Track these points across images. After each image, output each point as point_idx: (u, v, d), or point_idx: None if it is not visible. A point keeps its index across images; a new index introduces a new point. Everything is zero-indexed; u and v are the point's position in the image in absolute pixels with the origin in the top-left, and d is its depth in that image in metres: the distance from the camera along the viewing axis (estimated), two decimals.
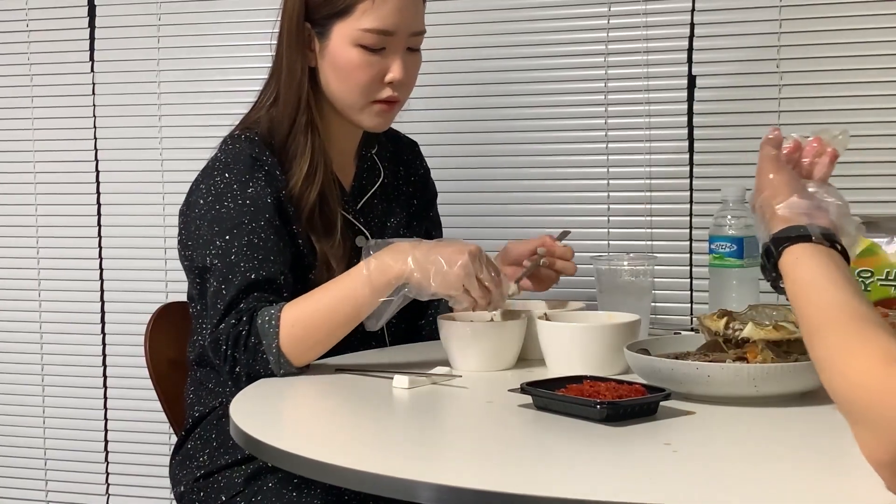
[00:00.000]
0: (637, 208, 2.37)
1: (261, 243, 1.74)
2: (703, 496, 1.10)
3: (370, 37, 1.80)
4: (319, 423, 1.54)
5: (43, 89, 2.83)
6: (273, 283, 1.72)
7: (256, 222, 1.75)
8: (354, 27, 1.79)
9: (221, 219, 1.76)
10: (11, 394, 2.90)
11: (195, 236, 1.80)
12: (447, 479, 1.14)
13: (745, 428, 1.36)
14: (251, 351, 1.66)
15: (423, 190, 2.07)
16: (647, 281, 1.88)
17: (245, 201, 1.77)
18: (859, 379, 1.03)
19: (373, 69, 1.82)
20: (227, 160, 1.81)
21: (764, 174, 1.36)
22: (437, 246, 1.67)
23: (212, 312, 1.72)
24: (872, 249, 1.82)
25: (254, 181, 1.78)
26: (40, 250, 2.86)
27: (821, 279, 1.18)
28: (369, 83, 1.82)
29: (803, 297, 1.18)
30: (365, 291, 1.66)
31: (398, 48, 1.83)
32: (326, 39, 1.82)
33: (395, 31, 1.81)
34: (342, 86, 1.83)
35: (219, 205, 1.78)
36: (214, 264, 1.74)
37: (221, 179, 1.79)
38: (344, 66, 1.82)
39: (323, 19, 1.82)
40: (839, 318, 1.11)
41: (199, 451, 1.82)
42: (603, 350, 1.62)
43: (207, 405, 1.84)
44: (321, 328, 1.67)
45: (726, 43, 2.30)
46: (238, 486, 1.74)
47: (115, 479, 2.84)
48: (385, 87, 1.83)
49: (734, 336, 1.52)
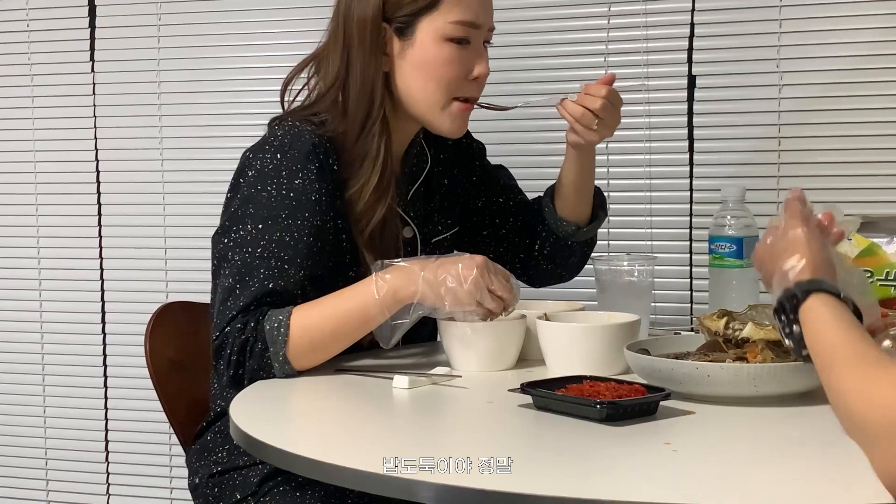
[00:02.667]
0: (637, 208, 2.37)
1: (291, 242, 1.68)
2: (703, 496, 1.10)
3: (461, 29, 1.76)
4: (319, 423, 1.54)
5: (43, 89, 2.84)
6: (289, 294, 1.68)
7: (293, 219, 1.69)
8: (444, 21, 1.75)
9: (259, 203, 1.70)
10: (12, 393, 2.91)
11: (229, 211, 1.73)
12: (447, 479, 1.15)
13: (745, 428, 1.36)
14: (257, 357, 1.65)
15: (457, 164, 1.98)
16: (647, 281, 1.88)
17: (289, 193, 1.70)
18: (883, 399, 1.04)
19: (462, 64, 1.77)
20: (284, 140, 1.73)
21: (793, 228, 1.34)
22: (444, 264, 1.65)
23: (220, 309, 1.68)
24: (872, 249, 1.82)
25: (304, 172, 1.71)
26: (41, 250, 2.86)
27: (843, 320, 1.19)
28: (457, 79, 1.78)
29: (822, 333, 1.19)
30: (374, 312, 1.65)
31: (480, 42, 1.80)
32: (410, 38, 1.76)
33: (482, 23, 1.78)
34: (428, 84, 1.77)
35: (260, 185, 1.71)
36: (234, 258, 1.69)
37: (272, 159, 1.72)
38: (433, 64, 1.76)
39: (406, 17, 1.76)
40: (860, 351, 1.13)
41: (219, 445, 1.79)
42: (603, 350, 1.62)
43: (229, 399, 1.83)
44: (327, 339, 1.67)
45: (726, 43, 2.30)
46: (252, 487, 1.73)
47: (115, 478, 2.84)
48: (469, 83, 1.80)
49: (734, 336, 1.52)
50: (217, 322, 1.69)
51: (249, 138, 2.65)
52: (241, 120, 2.66)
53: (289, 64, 2.65)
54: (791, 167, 2.27)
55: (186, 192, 2.73)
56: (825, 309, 1.22)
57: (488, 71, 1.81)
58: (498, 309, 1.67)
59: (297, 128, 1.74)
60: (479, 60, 1.80)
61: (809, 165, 2.26)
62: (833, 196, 2.23)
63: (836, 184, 2.24)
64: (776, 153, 2.28)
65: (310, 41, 2.64)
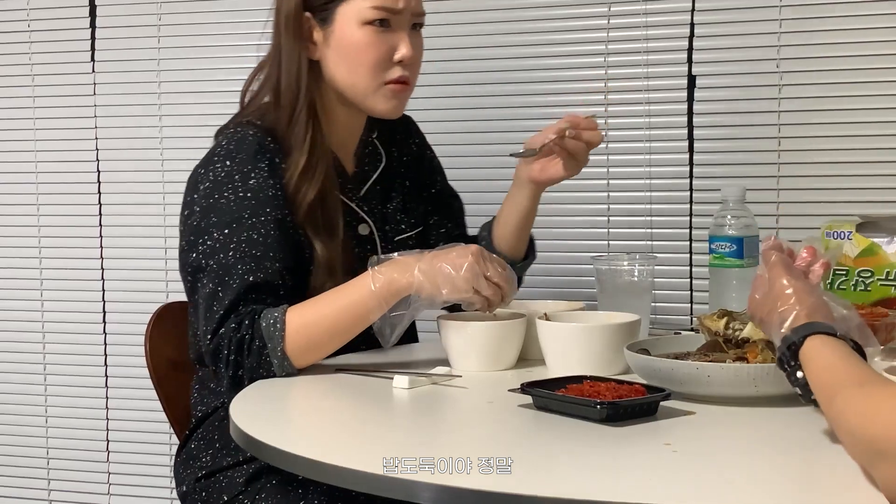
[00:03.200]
0: (637, 208, 2.37)
1: (260, 239, 1.71)
2: (703, 496, 1.10)
3: (377, 13, 1.79)
4: (319, 423, 1.54)
5: (44, 89, 2.84)
6: (271, 285, 1.70)
7: (257, 217, 1.72)
8: (361, 6, 1.78)
9: (220, 210, 1.73)
10: (14, 393, 2.91)
11: (191, 226, 1.76)
12: (447, 480, 1.15)
13: (745, 428, 1.36)
14: (255, 354, 1.65)
15: (418, 167, 2.04)
16: (647, 281, 1.88)
17: (246, 193, 1.73)
18: (887, 416, 1.04)
19: (382, 47, 1.80)
20: (229, 147, 1.77)
21: (778, 279, 1.36)
22: (439, 254, 1.67)
23: (207, 315, 1.69)
24: (872, 249, 1.82)
25: (256, 171, 1.75)
26: (42, 250, 2.87)
27: (844, 355, 1.20)
28: (379, 62, 1.80)
29: (824, 370, 1.20)
30: (371, 305, 1.66)
31: (404, 26, 1.82)
32: (330, 25, 1.81)
33: (401, 8, 1.80)
34: (352, 69, 1.81)
35: (217, 194, 1.74)
36: (209, 264, 1.71)
37: (223, 167, 1.76)
38: (352, 48, 1.80)
39: (324, 5, 1.80)
40: (861, 377, 1.14)
41: (202, 451, 1.81)
42: (603, 350, 1.62)
43: (210, 405, 1.84)
44: (325, 336, 1.67)
45: (726, 43, 2.30)
46: (239, 487, 1.74)
47: (116, 478, 2.84)
48: (395, 66, 1.82)
49: (734, 336, 1.52)
50: (206, 328, 1.69)
51: None
52: None
53: None
54: (791, 167, 2.27)
55: None
56: (824, 348, 1.22)
57: (412, 53, 1.82)
58: (495, 297, 1.67)
59: (239, 133, 1.79)
60: (402, 43, 1.82)
61: (809, 165, 2.26)
62: (833, 196, 2.23)
63: (836, 184, 2.24)
64: (776, 153, 2.28)
65: None
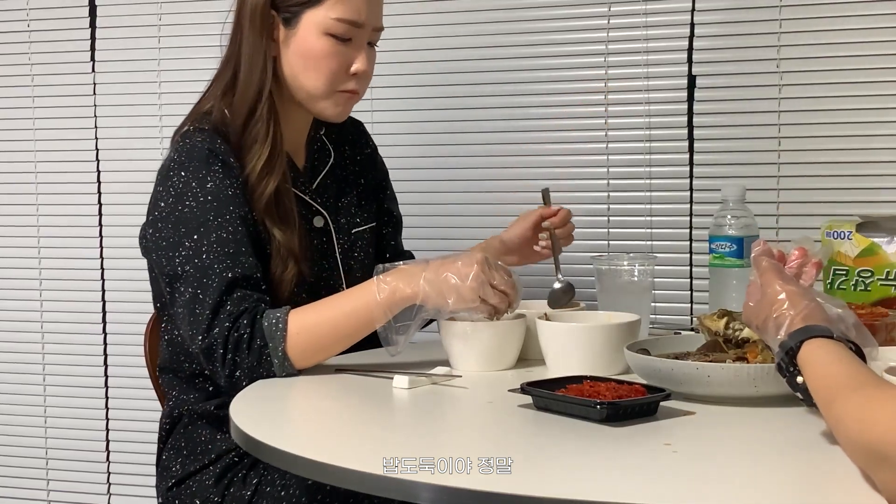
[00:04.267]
0: (637, 208, 2.37)
1: (230, 237, 1.72)
2: (703, 496, 1.10)
3: (341, 26, 1.81)
4: (319, 423, 1.54)
5: (44, 89, 2.84)
6: (251, 279, 1.71)
7: (222, 217, 1.74)
8: (326, 16, 1.81)
9: (186, 219, 1.74)
10: (13, 394, 2.91)
11: (159, 241, 1.77)
12: (447, 480, 1.15)
13: (745, 428, 1.36)
14: (256, 353, 1.65)
15: (372, 169, 2.07)
16: (647, 281, 1.88)
17: (207, 197, 1.75)
18: (887, 420, 1.03)
19: (340, 59, 1.83)
20: (181, 159, 1.79)
21: (770, 285, 1.36)
22: (444, 263, 1.67)
23: (192, 319, 1.69)
24: (872, 249, 1.82)
25: (211, 175, 1.76)
26: (42, 250, 2.86)
27: (844, 358, 1.20)
28: (336, 72, 1.83)
29: (822, 373, 1.20)
30: (376, 314, 1.66)
31: (363, 41, 1.85)
32: (294, 27, 1.83)
33: (364, 23, 1.83)
34: (308, 74, 1.84)
35: (180, 205, 1.75)
36: (186, 270, 1.71)
37: (179, 179, 1.77)
38: (312, 55, 1.82)
39: (292, 7, 1.82)
40: (860, 380, 1.13)
41: (172, 460, 1.84)
42: (603, 350, 1.62)
43: (172, 415, 1.86)
44: (326, 339, 1.68)
45: (726, 43, 2.30)
46: (209, 489, 1.76)
47: (116, 478, 2.84)
48: (349, 78, 1.85)
49: (734, 336, 1.52)
50: (194, 331, 1.69)
51: None
52: None
53: None
54: (791, 167, 2.27)
55: None
56: (820, 351, 1.23)
57: (366, 68, 1.86)
58: (502, 305, 1.67)
59: (188, 144, 1.80)
60: (359, 57, 1.85)
61: (809, 165, 2.26)
62: (833, 196, 2.23)
63: (836, 184, 2.24)
64: (776, 153, 2.28)
65: None
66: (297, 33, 1.83)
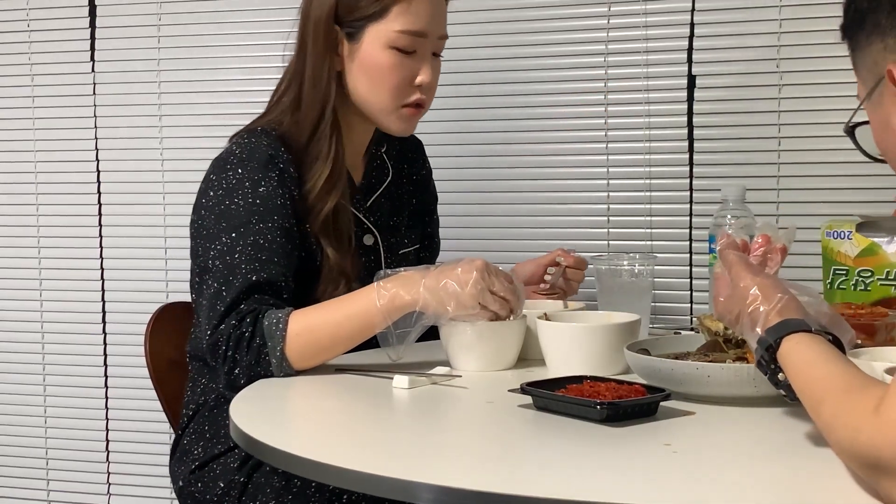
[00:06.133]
0: (637, 208, 2.37)
1: (266, 244, 1.73)
2: (703, 496, 1.10)
3: (404, 38, 1.81)
4: (319, 423, 1.54)
5: (44, 89, 2.84)
6: (274, 286, 1.72)
7: (264, 223, 1.74)
8: (389, 29, 1.81)
9: (230, 215, 1.75)
10: (13, 393, 2.91)
11: (200, 230, 1.79)
12: (447, 480, 1.15)
13: (745, 428, 1.36)
14: (254, 351, 1.66)
15: (424, 191, 2.08)
16: (647, 281, 1.88)
17: (255, 200, 1.76)
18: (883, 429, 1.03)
19: (404, 71, 1.83)
20: (242, 155, 1.80)
21: (740, 279, 1.34)
22: (444, 270, 1.67)
23: (210, 314, 1.71)
24: (872, 249, 1.82)
25: (266, 180, 1.77)
26: (41, 250, 2.86)
27: (824, 354, 1.19)
28: (400, 85, 1.83)
29: (805, 372, 1.19)
30: (376, 320, 1.66)
31: (427, 51, 1.85)
32: (358, 42, 1.83)
33: (428, 33, 1.83)
34: (373, 88, 1.84)
35: (228, 200, 1.76)
36: (216, 265, 1.73)
37: (234, 174, 1.78)
38: (376, 69, 1.82)
39: (355, 21, 1.82)
40: (845, 382, 1.12)
41: (194, 444, 1.83)
42: (603, 350, 1.62)
43: (198, 401, 1.86)
44: (325, 342, 1.68)
45: (726, 43, 2.30)
46: (234, 472, 1.75)
47: (116, 478, 2.84)
48: (415, 90, 1.85)
49: (734, 336, 1.52)
50: (208, 325, 1.70)
51: None
52: (241, 120, 2.62)
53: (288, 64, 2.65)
54: (791, 167, 2.27)
55: (186, 192, 2.71)
56: (800, 348, 1.21)
57: (431, 79, 1.86)
58: (503, 311, 1.68)
59: (252, 143, 1.80)
60: (424, 68, 1.85)
61: (809, 165, 2.26)
62: (833, 196, 2.23)
63: (836, 184, 2.24)
64: (776, 153, 2.28)
65: None
66: (360, 48, 1.82)
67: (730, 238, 1.45)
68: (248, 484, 1.74)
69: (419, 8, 1.82)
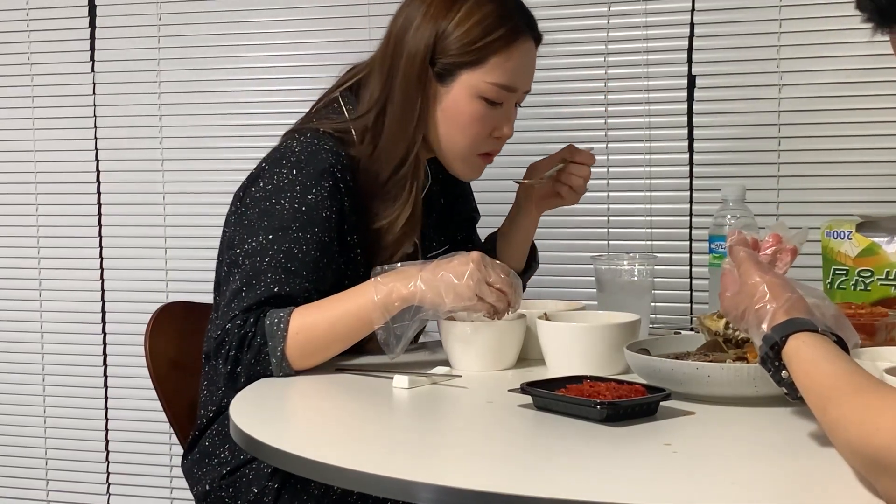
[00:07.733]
0: (637, 208, 2.37)
1: (299, 255, 1.71)
2: (703, 496, 1.10)
3: (495, 91, 1.79)
4: (319, 423, 1.54)
5: (44, 89, 2.84)
6: (294, 302, 1.69)
7: (303, 231, 1.72)
8: (482, 79, 1.78)
9: (272, 215, 1.72)
10: (12, 393, 2.91)
11: (241, 219, 1.76)
12: (447, 480, 1.15)
13: (745, 428, 1.36)
14: (255, 350, 1.66)
15: (464, 203, 2.08)
16: (647, 281, 1.88)
17: (301, 207, 1.72)
18: (889, 426, 1.03)
19: (488, 123, 1.81)
20: (301, 156, 1.75)
21: (749, 276, 1.34)
22: (441, 263, 1.67)
23: (225, 310, 1.70)
24: (872, 249, 1.82)
25: (318, 188, 1.73)
26: (41, 250, 2.86)
27: (829, 354, 1.19)
28: (481, 135, 1.82)
29: (811, 371, 1.18)
30: (374, 315, 1.66)
31: (512, 104, 1.84)
32: (447, 86, 1.79)
33: (518, 88, 1.82)
34: (453, 135, 1.81)
35: (275, 199, 1.73)
36: (245, 263, 1.71)
37: (288, 174, 1.74)
38: (462, 116, 1.80)
39: (449, 65, 1.78)
40: (854, 382, 1.12)
41: (219, 447, 1.80)
42: (603, 350, 1.62)
43: (220, 402, 1.83)
44: (325, 339, 1.67)
45: (726, 43, 2.30)
46: (266, 477, 1.73)
47: (115, 478, 2.84)
48: (492, 141, 1.84)
49: (734, 336, 1.52)
50: (219, 323, 1.70)
51: (249, 138, 2.67)
52: (240, 120, 2.67)
53: (288, 64, 2.67)
54: (791, 167, 2.27)
55: (186, 192, 2.73)
56: (806, 347, 1.21)
57: (512, 133, 1.84)
58: (500, 303, 1.67)
59: (315, 145, 1.76)
60: (506, 122, 1.83)
61: (809, 165, 2.26)
62: (833, 196, 2.23)
63: (836, 184, 2.24)
64: (776, 153, 2.28)
65: (309, 41, 2.65)
66: (449, 92, 1.79)
67: (740, 235, 1.45)
68: (283, 491, 1.72)
69: (516, 63, 1.79)
